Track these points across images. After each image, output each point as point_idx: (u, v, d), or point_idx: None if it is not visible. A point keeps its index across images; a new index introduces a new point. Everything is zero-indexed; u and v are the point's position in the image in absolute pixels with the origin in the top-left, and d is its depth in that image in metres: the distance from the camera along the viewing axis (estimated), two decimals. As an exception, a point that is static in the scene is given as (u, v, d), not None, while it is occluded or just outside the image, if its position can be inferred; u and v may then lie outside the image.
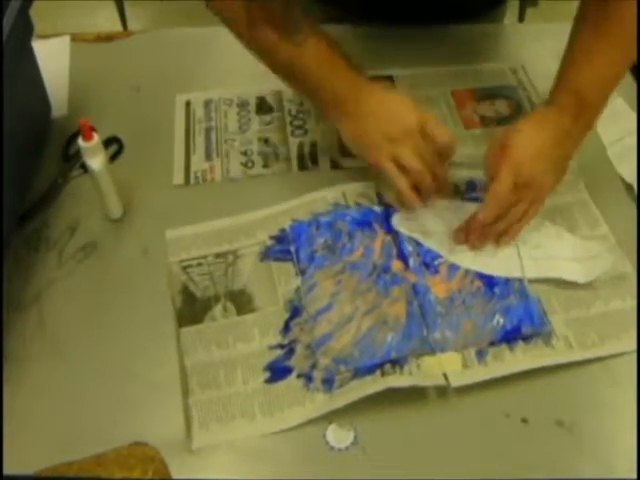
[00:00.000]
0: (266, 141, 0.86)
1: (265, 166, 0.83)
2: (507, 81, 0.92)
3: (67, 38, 0.98)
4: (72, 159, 0.82)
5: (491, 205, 0.69)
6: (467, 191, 0.77)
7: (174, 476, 0.58)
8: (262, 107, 0.90)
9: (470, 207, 0.74)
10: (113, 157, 0.82)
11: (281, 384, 0.63)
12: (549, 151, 0.69)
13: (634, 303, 0.68)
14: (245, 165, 0.83)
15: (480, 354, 0.64)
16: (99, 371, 0.64)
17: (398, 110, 0.71)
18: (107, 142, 0.83)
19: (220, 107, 0.90)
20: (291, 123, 0.88)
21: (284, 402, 0.62)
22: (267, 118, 0.89)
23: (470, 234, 0.72)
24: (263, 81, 0.90)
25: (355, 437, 0.60)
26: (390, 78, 0.92)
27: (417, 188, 0.72)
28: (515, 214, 0.70)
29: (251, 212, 0.76)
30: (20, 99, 0.73)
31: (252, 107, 0.90)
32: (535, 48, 0.96)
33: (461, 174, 0.78)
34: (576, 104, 0.69)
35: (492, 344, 0.65)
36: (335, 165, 0.82)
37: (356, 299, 0.67)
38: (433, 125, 0.70)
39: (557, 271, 0.70)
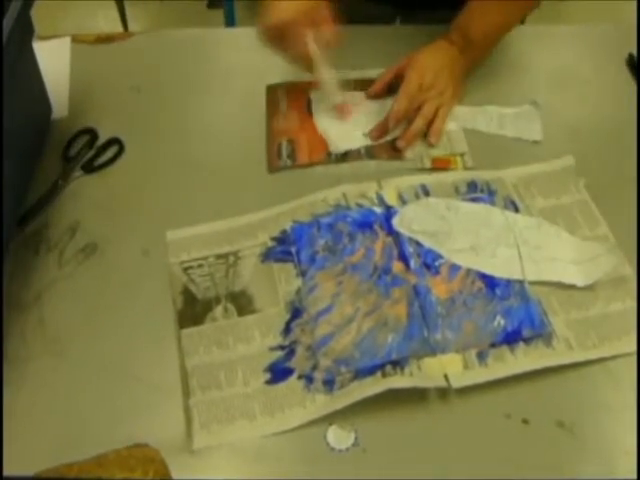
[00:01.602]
0: None
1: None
2: None
3: (68, 39, 0.98)
4: (73, 160, 0.82)
5: (402, 97, 0.83)
6: (468, 192, 0.77)
7: (175, 477, 0.58)
8: None
9: (464, 204, 0.74)
10: (114, 158, 0.82)
11: (282, 385, 0.63)
12: (444, 67, 0.86)
13: (634, 304, 0.68)
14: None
15: (481, 355, 0.64)
16: (99, 372, 0.64)
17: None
18: (108, 143, 0.83)
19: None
20: None
21: (285, 403, 0.62)
22: None
23: (387, 126, 0.83)
24: (262, 80, 0.90)
25: (356, 438, 0.60)
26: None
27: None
28: (428, 110, 0.83)
29: (252, 213, 0.76)
30: (21, 100, 0.73)
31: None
32: (536, 49, 0.96)
33: (462, 175, 0.79)
34: (463, 41, 0.87)
35: (493, 345, 0.65)
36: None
37: (357, 300, 0.67)
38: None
39: (557, 274, 0.70)
